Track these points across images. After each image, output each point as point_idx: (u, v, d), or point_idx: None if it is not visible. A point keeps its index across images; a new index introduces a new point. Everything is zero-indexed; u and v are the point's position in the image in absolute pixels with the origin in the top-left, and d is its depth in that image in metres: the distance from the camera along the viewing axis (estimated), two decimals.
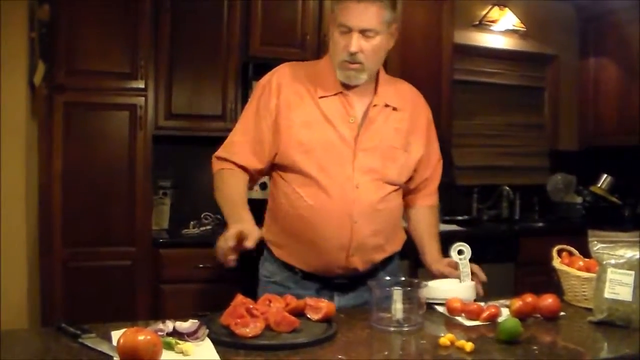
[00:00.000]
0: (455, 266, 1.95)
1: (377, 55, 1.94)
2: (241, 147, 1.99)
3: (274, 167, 2.01)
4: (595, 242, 1.77)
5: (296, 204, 1.94)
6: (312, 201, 1.91)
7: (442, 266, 2.02)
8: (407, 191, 2.14)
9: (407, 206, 2.19)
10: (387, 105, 2.01)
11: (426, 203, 2.21)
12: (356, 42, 1.86)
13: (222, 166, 1.99)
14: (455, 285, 1.89)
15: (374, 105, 1.99)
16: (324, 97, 1.96)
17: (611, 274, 1.69)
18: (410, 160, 2.07)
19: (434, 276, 2.03)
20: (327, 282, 1.98)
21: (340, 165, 1.92)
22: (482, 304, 1.76)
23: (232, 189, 1.95)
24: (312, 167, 1.91)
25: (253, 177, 2.02)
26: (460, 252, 1.92)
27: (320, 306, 1.61)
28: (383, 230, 2.00)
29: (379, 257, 2.02)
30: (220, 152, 2.02)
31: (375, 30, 1.87)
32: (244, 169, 1.99)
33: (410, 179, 2.11)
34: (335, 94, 1.96)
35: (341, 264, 1.94)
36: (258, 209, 2.03)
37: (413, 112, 2.08)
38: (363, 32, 1.86)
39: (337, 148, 1.93)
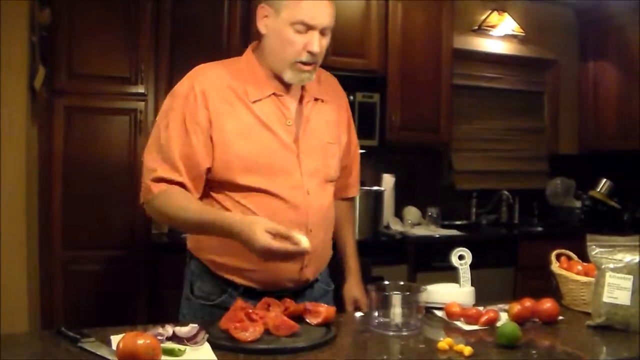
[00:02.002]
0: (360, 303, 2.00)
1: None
2: (183, 165, 1.72)
3: (207, 181, 1.79)
4: (594, 246, 1.77)
5: None
6: (263, 213, 1.70)
7: (349, 298, 2.04)
8: None
9: None
10: (316, 99, 1.88)
11: (346, 194, 2.10)
12: (319, 42, 1.72)
13: (165, 187, 1.71)
14: (454, 290, 1.90)
15: (307, 102, 1.85)
16: (257, 100, 1.77)
17: (610, 278, 1.69)
18: (341, 153, 1.96)
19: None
20: (269, 297, 1.71)
21: (287, 173, 1.77)
22: (481, 308, 1.76)
23: (195, 202, 1.71)
24: (256, 179, 1.73)
25: None
26: (460, 257, 1.91)
27: (319, 310, 1.62)
28: (329, 233, 1.93)
29: (327, 262, 1.95)
30: (161, 172, 1.71)
31: (331, 27, 1.75)
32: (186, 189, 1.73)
33: None
34: (269, 96, 1.79)
35: (294, 277, 1.80)
36: None
37: (337, 102, 1.97)
38: (322, 30, 1.73)
39: (280, 155, 1.77)
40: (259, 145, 1.75)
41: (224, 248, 1.75)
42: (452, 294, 1.85)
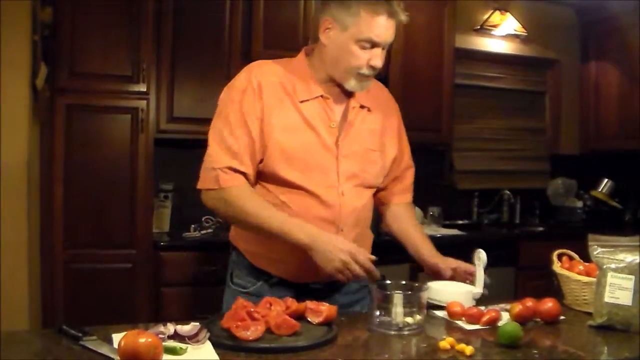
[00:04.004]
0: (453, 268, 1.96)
1: None
2: (247, 155, 1.82)
3: None
4: (596, 246, 1.77)
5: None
6: (297, 208, 1.83)
7: (441, 261, 1.99)
8: (378, 189, 2.08)
9: (380, 204, 2.15)
10: (362, 107, 1.96)
11: (402, 200, 2.15)
12: (382, 58, 1.85)
13: (235, 182, 1.80)
14: (456, 289, 1.89)
15: (352, 108, 1.94)
16: (305, 101, 1.87)
17: (611, 278, 1.69)
18: (386, 161, 2.04)
19: (427, 268, 2.04)
20: (302, 288, 1.86)
21: (324, 172, 1.86)
22: (482, 307, 1.76)
23: (267, 205, 1.81)
24: (294, 174, 1.83)
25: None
26: (480, 259, 1.91)
27: (320, 309, 1.62)
28: (362, 235, 1.98)
29: None
30: (227, 161, 1.80)
31: (391, 43, 1.87)
32: (249, 180, 1.84)
33: None
34: (316, 98, 1.89)
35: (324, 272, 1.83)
36: None
37: (385, 111, 2.05)
38: (384, 46, 1.85)
39: (320, 154, 1.86)
40: (301, 141, 1.84)
41: (259, 239, 1.85)
42: (454, 293, 1.85)
